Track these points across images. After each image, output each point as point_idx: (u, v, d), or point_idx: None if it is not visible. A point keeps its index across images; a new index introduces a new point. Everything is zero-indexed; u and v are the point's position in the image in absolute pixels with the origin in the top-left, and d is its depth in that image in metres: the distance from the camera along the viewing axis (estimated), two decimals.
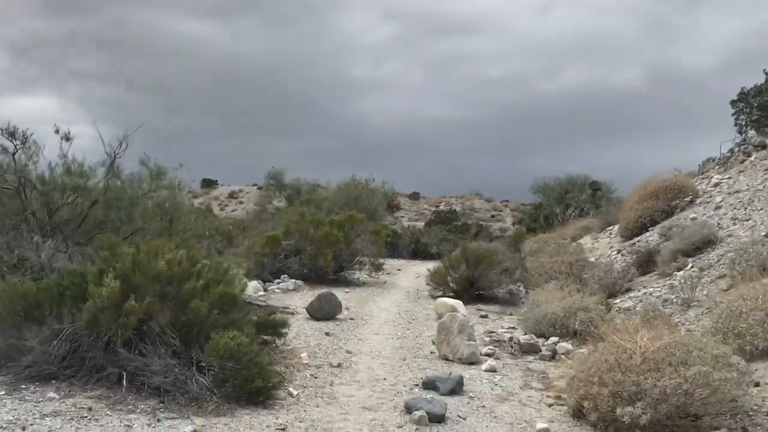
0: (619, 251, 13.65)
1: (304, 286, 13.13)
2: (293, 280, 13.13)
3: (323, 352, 7.58)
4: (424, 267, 20.53)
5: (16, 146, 9.71)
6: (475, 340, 7.58)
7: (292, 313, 9.89)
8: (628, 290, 10.76)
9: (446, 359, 7.44)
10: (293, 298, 11.73)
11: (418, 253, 23.32)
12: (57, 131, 9.94)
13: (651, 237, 13.39)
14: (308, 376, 6.51)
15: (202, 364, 5.75)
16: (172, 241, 7.52)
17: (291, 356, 7.21)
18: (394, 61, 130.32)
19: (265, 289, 12.45)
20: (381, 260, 14.98)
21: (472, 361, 7.30)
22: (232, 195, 65.97)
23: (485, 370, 7.06)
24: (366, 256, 14.68)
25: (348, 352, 7.64)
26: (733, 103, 17.60)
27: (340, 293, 12.38)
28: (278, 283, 13.06)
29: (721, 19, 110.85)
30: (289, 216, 16.19)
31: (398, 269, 18.44)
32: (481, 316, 10.69)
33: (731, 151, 16.82)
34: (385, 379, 6.59)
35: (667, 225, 12.63)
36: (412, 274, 17.43)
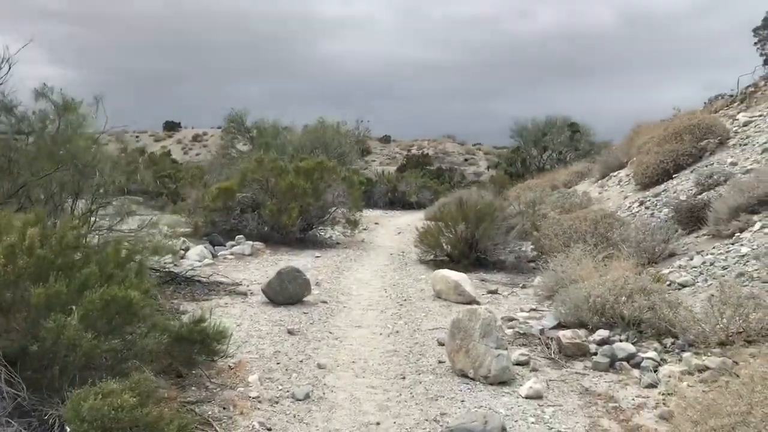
0: (641, 203, 11.26)
1: (264, 250, 10.53)
2: (250, 243, 10.52)
3: (283, 368, 5.03)
4: (405, 219, 18.09)
5: None
6: (506, 348, 5.10)
7: (245, 295, 7.32)
8: (671, 255, 8.41)
9: (464, 375, 4.98)
10: (248, 268, 9.13)
11: (396, 202, 20.80)
12: None
13: (681, 185, 11.02)
14: (255, 426, 3.97)
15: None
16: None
17: (233, 380, 4.67)
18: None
19: (214, 255, 9.83)
20: (357, 214, 12.38)
21: (503, 380, 4.87)
22: (196, 138, 62.26)
23: (526, 397, 4.63)
24: (340, 208, 12.08)
25: (320, 366, 5.10)
26: (756, 31, 15.06)
27: (308, 259, 9.83)
28: (232, 246, 10.44)
29: None
30: (246, 162, 13.42)
31: (375, 223, 15.91)
32: (490, 292, 8.25)
33: (755, 85, 14.40)
34: (378, 424, 4.11)
35: (706, 171, 10.21)
36: (392, 229, 14.91)
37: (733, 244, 7.61)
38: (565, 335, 5.80)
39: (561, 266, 7.84)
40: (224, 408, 4.15)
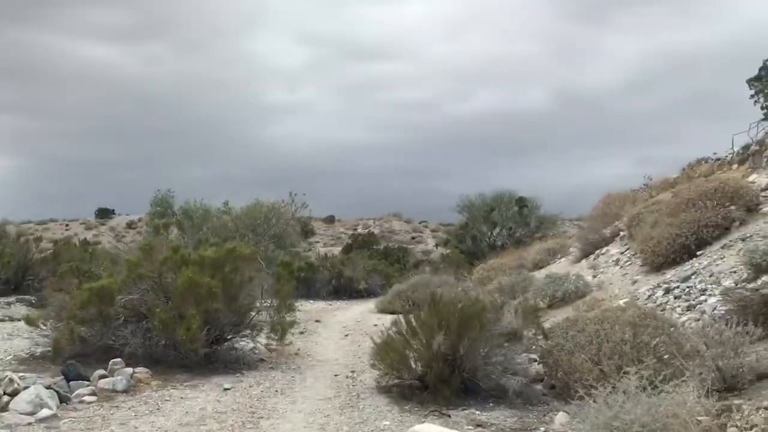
0: (666, 290, 8.29)
1: (148, 381, 6.98)
2: (130, 371, 6.97)
3: None
4: (352, 312, 14.71)
5: None
6: None
7: None
8: (762, 379, 5.39)
9: None
10: (111, 422, 5.58)
11: (341, 290, 17.41)
12: None
13: (716, 265, 8.17)
14: None
15: None
16: None
17: None
18: (309, 85, 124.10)
19: (65, 400, 6.23)
20: (289, 315, 8.95)
21: None
22: (130, 225, 57.83)
23: None
24: (264, 310, 8.68)
25: None
26: (751, 82, 12.86)
27: (212, 395, 6.39)
28: (100, 377, 6.86)
29: (624, 40, 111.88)
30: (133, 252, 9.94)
31: (317, 320, 12.47)
32: None
33: (760, 143, 12.03)
34: None
35: (761, 248, 7.37)
36: (337, 329, 11.51)
37: None
38: None
39: (609, 406, 4.68)
40: None
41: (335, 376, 7.64)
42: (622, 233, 13.21)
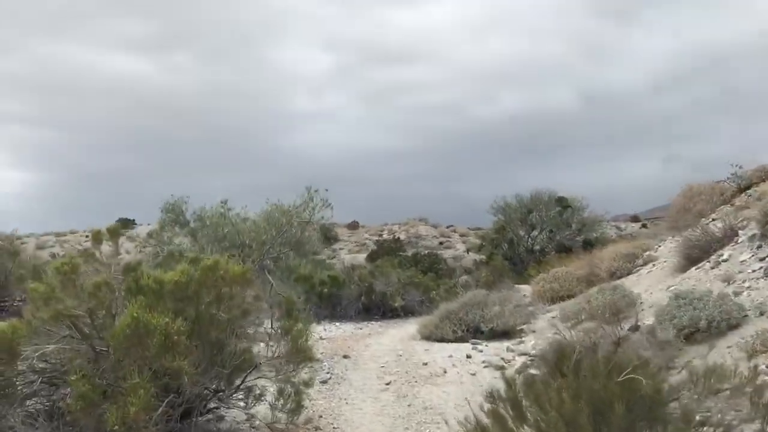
0: None
1: None
2: None
3: None
4: (389, 339, 11.30)
5: None
6: None
7: None
8: None
9: None
10: None
11: (373, 308, 14.18)
12: None
13: None
14: None
15: None
16: None
17: None
18: (334, 91, 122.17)
19: None
20: (305, 368, 5.73)
21: None
22: (151, 235, 55.32)
23: None
24: (265, 365, 5.48)
25: None
26: None
27: None
28: None
29: (651, 40, 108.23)
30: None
31: (345, 356, 9.23)
32: None
33: None
34: None
35: None
36: (373, 371, 8.26)
37: None
38: None
39: None
40: None
41: None
42: (743, 232, 9.85)
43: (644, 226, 45.27)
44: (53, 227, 53.60)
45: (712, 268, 9.38)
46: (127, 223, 65.25)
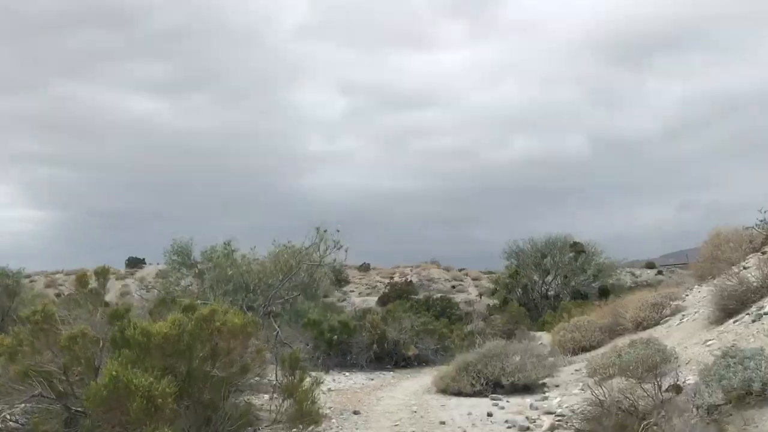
0: None
1: None
2: None
3: None
4: (403, 392, 10.40)
5: None
6: None
7: None
8: None
9: None
10: None
11: (384, 356, 13.42)
12: None
13: None
14: None
15: None
16: None
17: None
18: (349, 135, 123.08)
19: None
20: None
21: None
22: (159, 275, 54.80)
23: None
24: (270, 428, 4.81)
25: None
26: None
27: None
28: None
29: (664, 84, 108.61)
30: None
31: (355, 411, 8.49)
32: None
33: None
34: None
35: None
36: (387, 430, 7.52)
37: None
38: None
39: None
40: None
41: None
42: None
43: (660, 272, 44.25)
44: (66, 265, 53.29)
45: (753, 321, 8.64)
46: (136, 263, 64.64)
